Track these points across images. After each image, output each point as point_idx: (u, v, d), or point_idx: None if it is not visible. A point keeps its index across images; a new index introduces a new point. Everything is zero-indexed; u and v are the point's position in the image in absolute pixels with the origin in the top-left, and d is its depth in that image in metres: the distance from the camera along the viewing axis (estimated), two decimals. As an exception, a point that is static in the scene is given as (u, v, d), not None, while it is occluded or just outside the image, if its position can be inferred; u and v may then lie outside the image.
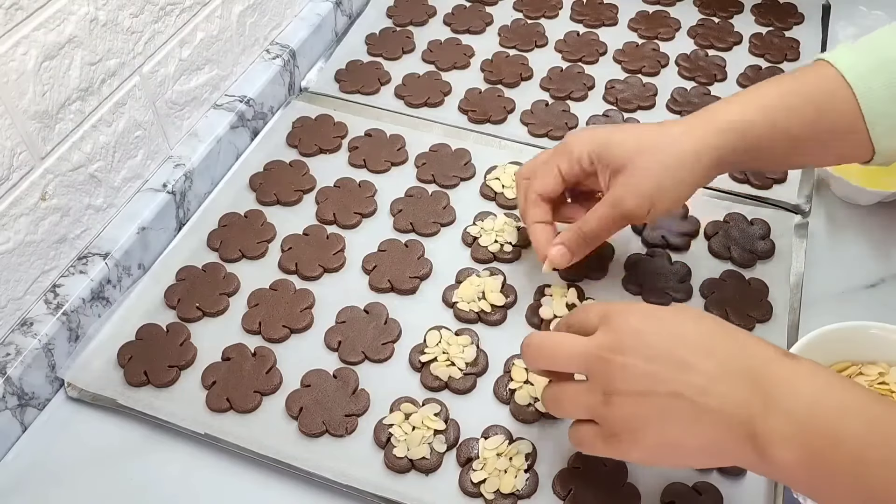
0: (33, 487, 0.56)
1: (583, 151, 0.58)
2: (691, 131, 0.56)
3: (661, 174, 0.56)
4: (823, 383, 0.42)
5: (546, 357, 0.50)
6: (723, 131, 0.55)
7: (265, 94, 0.81)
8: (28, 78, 0.55)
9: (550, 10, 0.95)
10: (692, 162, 0.56)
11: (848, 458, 0.39)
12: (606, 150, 0.57)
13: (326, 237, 0.70)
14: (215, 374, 0.60)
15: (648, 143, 0.56)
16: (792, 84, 0.56)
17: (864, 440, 0.39)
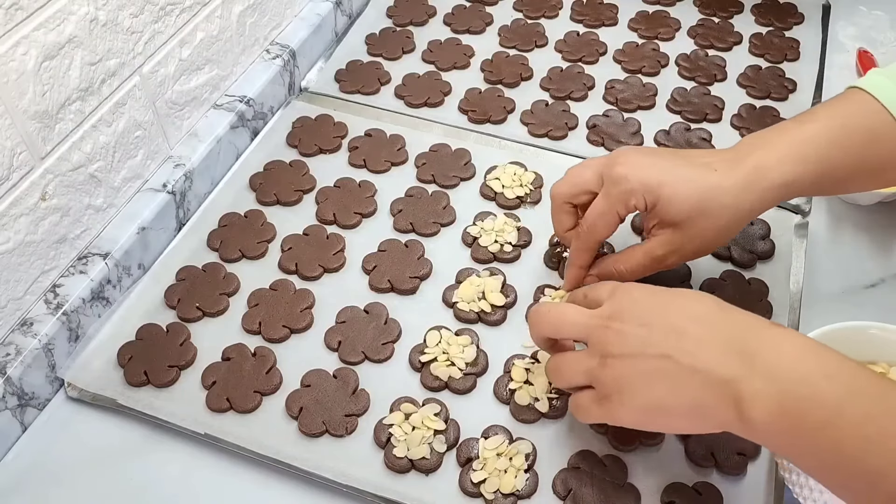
0: (33, 487, 0.56)
1: (639, 197, 0.56)
2: (745, 192, 0.54)
3: (712, 237, 0.56)
4: (805, 348, 0.43)
5: (552, 324, 0.52)
6: (777, 189, 0.55)
7: (265, 94, 0.81)
8: (28, 78, 0.55)
9: (550, 10, 0.95)
10: (743, 221, 0.56)
11: (825, 418, 0.40)
12: (662, 203, 0.55)
13: (326, 237, 0.70)
14: (215, 374, 0.60)
15: (705, 205, 0.55)
16: (837, 121, 0.55)
17: (842, 400, 0.40)
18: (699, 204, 0.55)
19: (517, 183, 0.74)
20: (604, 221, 0.58)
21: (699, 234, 0.56)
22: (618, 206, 0.57)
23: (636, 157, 0.57)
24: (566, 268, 0.62)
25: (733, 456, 0.55)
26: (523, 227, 0.70)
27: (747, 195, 0.54)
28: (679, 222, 0.55)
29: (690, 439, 0.56)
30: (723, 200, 0.54)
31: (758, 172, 0.54)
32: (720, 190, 0.54)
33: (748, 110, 0.82)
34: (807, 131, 0.55)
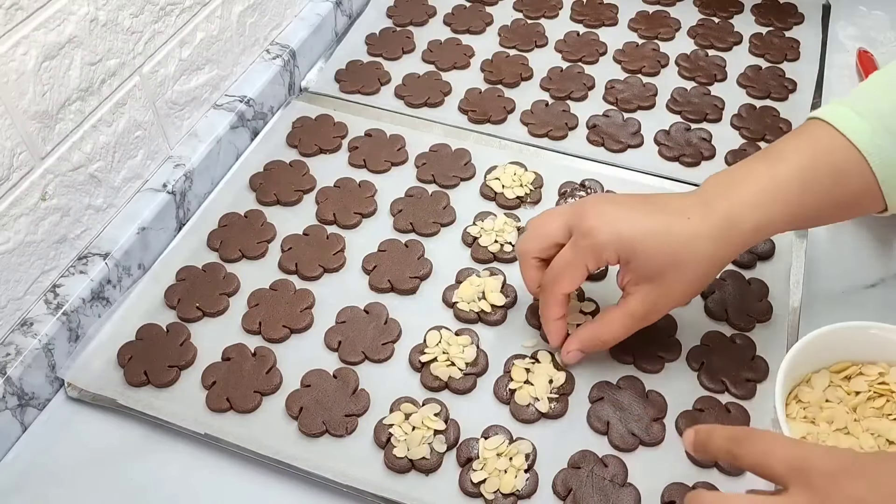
0: (33, 487, 0.56)
1: (611, 251, 0.54)
2: (718, 240, 0.54)
3: (689, 289, 0.56)
4: None
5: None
6: (749, 234, 0.54)
7: (265, 94, 0.81)
8: (28, 78, 0.55)
9: (550, 10, 0.95)
10: (718, 268, 0.56)
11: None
12: (636, 258, 0.54)
13: (326, 237, 0.70)
14: (215, 374, 0.60)
15: (680, 258, 0.53)
16: (805, 162, 0.54)
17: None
18: (675, 256, 0.53)
19: (517, 183, 0.74)
20: (570, 274, 0.56)
21: (677, 287, 0.55)
22: (587, 260, 0.55)
23: (606, 208, 0.55)
24: (543, 324, 0.61)
25: (733, 456, 0.55)
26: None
27: (722, 243, 0.54)
28: (655, 276, 0.54)
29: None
30: (699, 251, 0.53)
31: (731, 220, 0.53)
32: (693, 240, 0.53)
33: (748, 110, 0.82)
34: (777, 175, 0.54)
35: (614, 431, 0.57)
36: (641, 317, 0.56)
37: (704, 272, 0.55)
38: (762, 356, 0.61)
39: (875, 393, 0.54)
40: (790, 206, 0.54)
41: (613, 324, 0.57)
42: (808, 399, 0.55)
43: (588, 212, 0.55)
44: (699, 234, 0.53)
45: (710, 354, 0.61)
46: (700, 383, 0.60)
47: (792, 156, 0.54)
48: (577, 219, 0.55)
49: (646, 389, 0.59)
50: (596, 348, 0.59)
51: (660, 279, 0.54)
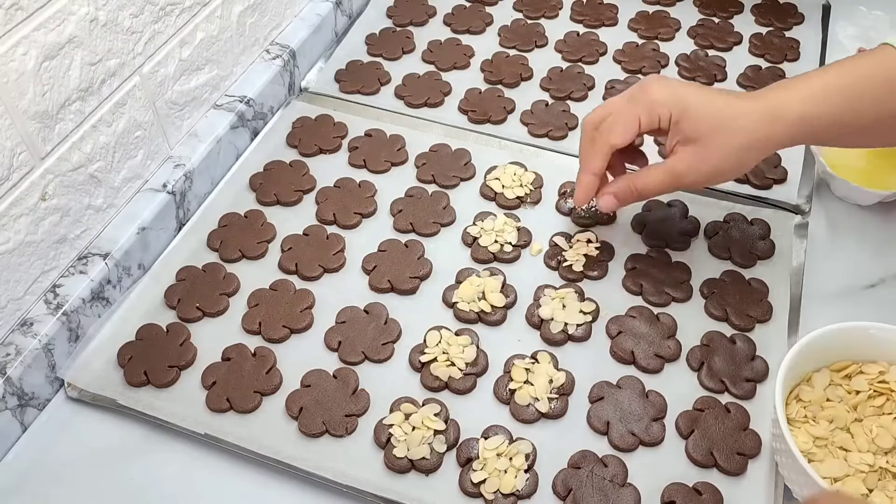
0: (33, 487, 0.56)
1: (664, 110, 0.59)
2: (767, 117, 0.57)
3: (730, 156, 0.59)
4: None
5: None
6: (794, 124, 0.57)
7: (265, 94, 0.81)
8: (28, 78, 0.55)
9: (550, 10, 0.95)
10: (761, 147, 0.59)
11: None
12: (685, 117, 0.58)
13: (326, 237, 0.70)
14: (215, 374, 0.60)
15: (727, 123, 0.58)
16: (858, 70, 0.58)
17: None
18: (720, 122, 0.57)
19: (517, 183, 0.74)
20: (623, 124, 0.59)
21: (717, 152, 0.58)
22: (642, 113, 0.59)
23: (666, 80, 0.60)
24: (578, 176, 0.63)
25: (733, 456, 0.55)
26: (523, 227, 0.70)
27: (765, 123, 0.57)
28: (700, 137, 0.58)
29: (690, 439, 0.56)
30: (742, 122, 0.57)
31: (778, 106, 0.57)
32: (741, 112, 0.57)
33: (748, 110, 0.81)
34: (829, 77, 0.58)
35: (614, 431, 0.57)
36: (680, 174, 0.60)
37: (744, 143, 0.58)
38: (762, 356, 0.61)
39: (875, 392, 0.54)
40: (837, 105, 0.57)
41: (651, 176, 0.61)
42: (809, 398, 0.55)
43: (649, 80, 0.60)
44: (746, 111, 0.57)
45: (710, 354, 0.61)
46: (700, 383, 0.60)
47: (848, 66, 0.58)
48: (637, 86, 0.61)
49: (646, 389, 0.59)
50: (630, 198, 0.62)
51: (704, 141, 0.58)
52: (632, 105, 0.60)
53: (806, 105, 0.57)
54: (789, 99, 0.58)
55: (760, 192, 0.74)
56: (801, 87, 0.58)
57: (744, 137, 0.57)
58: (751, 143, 0.58)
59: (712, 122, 0.58)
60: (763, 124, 0.57)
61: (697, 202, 0.72)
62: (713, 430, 0.57)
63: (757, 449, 0.56)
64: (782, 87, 0.59)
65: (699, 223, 0.71)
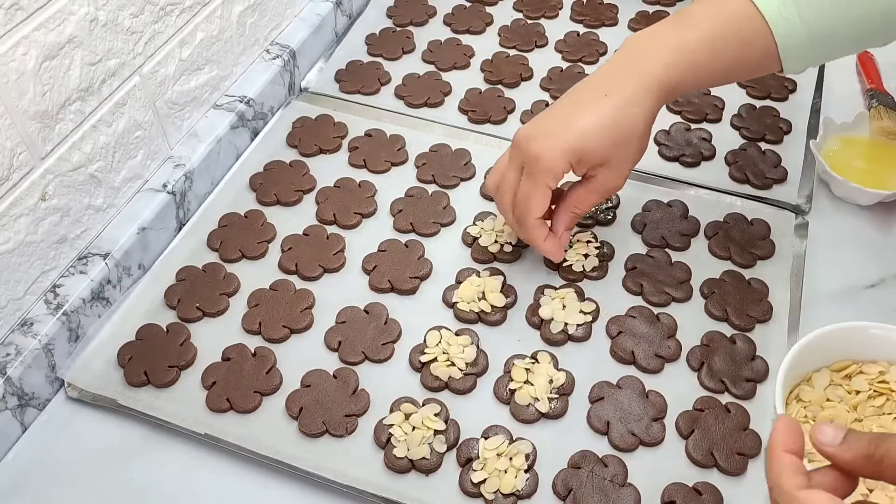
0: (33, 487, 0.56)
1: (559, 166, 0.59)
2: (639, 103, 0.59)
3: (636, 154, 0.61)
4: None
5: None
6: (661, 91, 0.59)
7: (265, 94, 0.81)
8: (28, 78, 0.55)
9: (550, 10, 0.95)
10: (650, 126, 0.60)
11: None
12: (585, 156, 0.59)
13: (326, 237, 0.70)
14: (215, 374, 0.60)
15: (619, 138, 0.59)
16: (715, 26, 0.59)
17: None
18: (616, 139, 0.59)
19: (517, 183, 0.73)
20: (536, 201, 0.60)
21: (627, 158, 0.60)
22: (546, 180, 0.59)
23: (540, 130, 0.60)
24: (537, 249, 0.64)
25: (733, 456, 0.55)
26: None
27: (642, 103, 0.59)
28: (602, 161, 0.59)
29: (690, 439, 0.56)
30: (629, 122, 0.59)
31: (645, 83, 0.59)
32: (623, 113, 0.58)
33: (748, 110, 0.82)
34: (686, 40, 0.59)
35: (614, 431, 0.57)
36: (606, 189, 0.62)
37: (641, 133, 0.60)
38: (762, 356, 0.61)
39: (875, 392, 0.54)
40: (699, 67, 0.59)
41: (583, 198, 0.63)
42: (809, 398, 0.55)
43: (528, 141, 0.60)
44: (624, 107, 0.58)
45: (710, 354, 0.61)
46: (700, 383, 0.60)
47: (702, 21, 0.60)
48: (521, 153, 0.60)
49: (646, 389, 0.59)
50: (575, 221, 0.65)
51: (611, 160, 0.60)
52: (532, 180, 0.60)
53: (671, 74, 0.59)
54: (654, 72, 0.59)
55: (760, 192, 0.74)
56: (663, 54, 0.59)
57: (637, 135, 0.59)
58: (643, 130, 0.60)
59: (608, 143, 0.59)
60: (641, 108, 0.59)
61: (697, 202, 0.72)
62: (713, 430, 0.57)
63: (757, 449, 0.56)
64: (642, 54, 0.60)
65: (699, 223, 0.71)
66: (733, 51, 0.59)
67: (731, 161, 0.76)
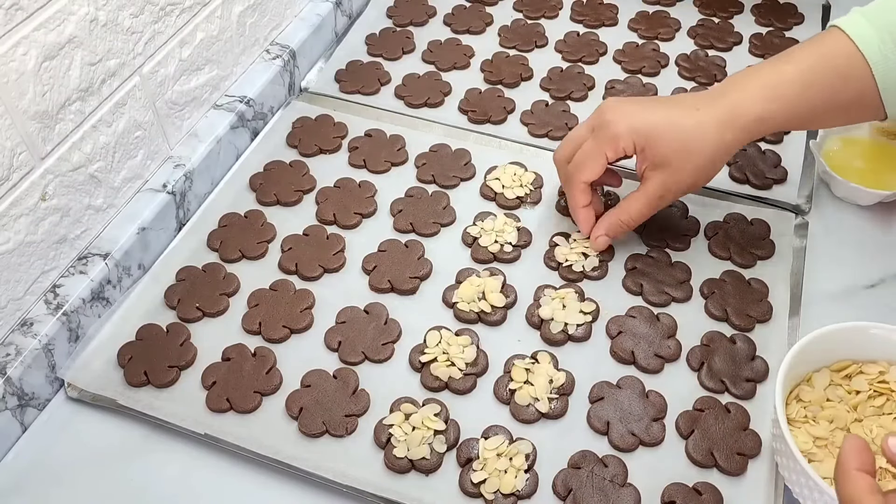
0: (33, 487, 0.56)
1: (628, 141, 0.61)
2: (723, 127, 0.60)
3: (698, 173, 0.62)
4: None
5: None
6: (750, 125, 0.60)
7: (265, 94, 0.81)
8: (28, 78, 0.55)
9: (550, 10, 0.95)
10: (725, 157, 0.62)
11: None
12: (649, 145, 0.61)
13: (326, 237, 0.70)
14: (215, 374, 0.60)
15: (688, 144, 0.60)
16: (811, 63, 0.59)
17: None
18: (684, 143, 0.60)
19: (517, 183, 0.74)
20: (591, 162, 0.63)
21: (687, 170, 0.61)
22: (606, 148, 0.62)
23: (623, 106, 0.63)
24: (572, 213, 0.68)
25: (733, 456, 0.55)
26: (523, 228, 0.70)
27: (726, 132, 0.60)
28: (666, 162, 0.61)
29: (690, 439, 0.56)
30: (705, 138, 0.60)
31: (735, 111, 0.60)
32: (701, 129, 0.60)
33: (748, 110, 0.81)
34: (781, 73, 0.60)
35: (614, 431, 0.57)
36: (657, 198, 0.63)
37: (710, 156, 0.61)
38: (762, 356, 0.61)
39: (875, 392, 0.54)
40: (791, 102, 0.59)
41: (632, 206, 0.64)
42: (809, 398, 0.55)
43: (607, 110, 0.63)
44: (705, 123, 0.60)
45: (710, 354, 0.61)
46: (700, 383, 0.60)
47: (799, 57, 0.60)
48: (598, 117, 0.63)
49: (646, 389, 0.59)
50: (620, 231, 0.66)
51: (671, 164, 0.61)
52: (596, 142, 0.62)
53: (760, 105, 0.59)
54: (746, 101, 0.60)
55: (760, 192, 0.74)
56: (755, 86, 0.60)
57: (707, 153, 0.60)
58: (715, 156, 0.61)
59: (675, 145, 0.60)
60: (723, 133, 0.60)
61: (697, 202, 0.72)
62: (713, 430, 0.57)
63: (757, 449, 0.56)
64: (737, 85, 0.61)
65: (699, 223, 0.71)
66: (828, 86, 0.58)
67: (731, 161, 0.76)
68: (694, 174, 0.61)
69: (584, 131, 0.64)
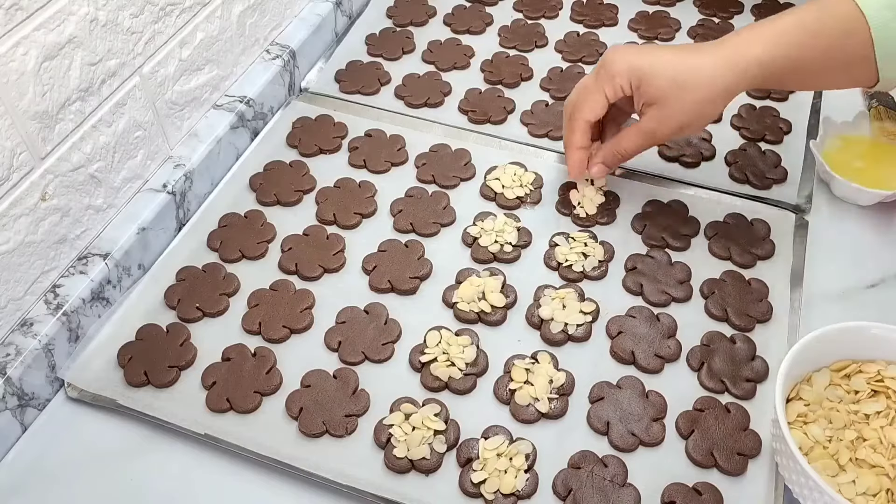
0: (33, 487, 0.56)
1: (624, 78, 0.63)
2: (722, 69, 0.61)
3: (691, 110, 0.62)
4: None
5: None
6: (749, 69, 0.61)
7: (265, 94, 0.81)
8: (28, 78, 0.55)
9: (550, 10, 0.95)
10: (721, 98, 0.62)
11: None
12: (644, 81, 0.62)
13: (326, 237, 0.70)
14: (215, 374, 0.60)
15: (683, 80, 0.61)
16: (813, 15, 0.60)
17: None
18: (677, 79, 0.61)
19: (517, 183, 0.74)
20: (590, 100, 0.65)
21: (681, 107, 0.62)
22: (605, 85, 0.64)
23: (626, 49, 0.65)
24: (566, 153, 0.69)
25: (733, 456, 0.55)
26: (523, 228, 0.70)
27: (724, 72, 0.61)
28: (661, 97, 0.62)
29: (690, 439, 0.56)
30: (700, 75, 0.61)
31: (736, 54, 0.61)
32: (697, 67, 0.61)
33: (748, 110, 0.82)
34: (783, 22, 0.61)
35: (614, 431, 0.57)
36: (651, 132, 0.64)
37: (705, 96, 0.61)
38: (762, 356, 0.61)
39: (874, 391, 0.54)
40: (792, 48, 0.60)
41: (628, 138, 0.66)
42: (809, 398, 0.55)
43: (609, 52, 0.65)
44: (704, 63, 0.61)
45: (710, 354, 0.61)
46: (700, 383, 0.60)
47: (801, 11, 0.61)
48: (601, 61, 0.65)
49: (646, 389, 0.59)
50: (615, 161, 0.68)
51: (666, 99, 0.62)
52: (597, 81, 0.65)
53: (761, 48, 0.60)
54: (746, 45, 0.61)
55: (760, 192, 0.74)
56: (757, 32, 0.61)
57: (702, 92, 0.61)
58: (709, 95, 0.61)
59: (668, 82, 0.61)
60: (721, 75, 0.61)
61: (697, 202, 0.72)
62: (713, 430, 0.57)
63: (757, 449, 0.56)
64: (740, 34, 0.62)
65: (699, 223, 0.71)
66: (829, 39, 0.60)
67: (731, 161, 0.76)
68: (687, 112, 0.62)
69: (590, 77, 0.66)
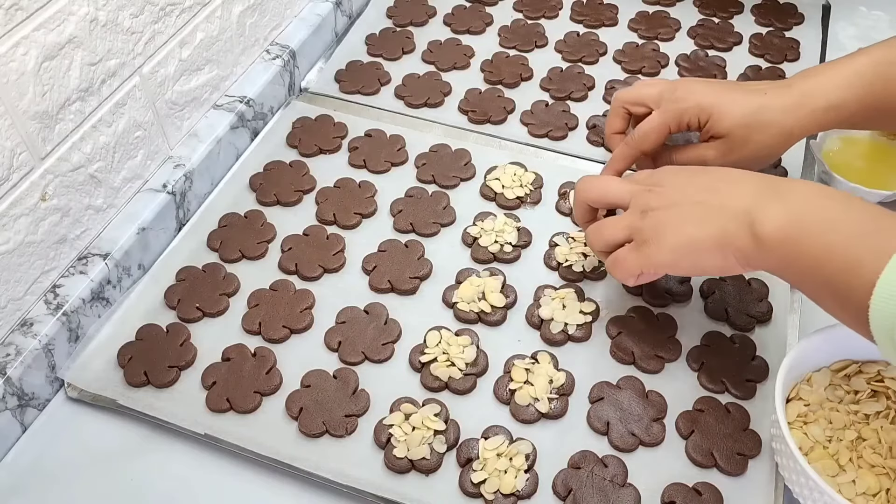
0: (33, 487, 0.56)
1: (693, 116, 0.63)
2: (792, 111, 0.60)
3: (752, 153, 0.62)
4: (819, 190, 0.49)
5: (598, 189, 0.59)
6: (820, 113, 0.60)
7: (265, 94, 0.81)
8: (28, 78, 0.55)
9: (550, 10, 0.95)
10: (785, 140, 0.62)
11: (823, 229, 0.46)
12: (714, 119, 0.62)
13: (326, 237, 0.70)
14: (215, 374, 0.60)
15: (750, 121, 0.61)
16: (885, 57, 0.59)
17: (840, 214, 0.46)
18: (745, 120, 0.61)
19: (517, 183, 0.74)
20: (655, 133, 0.65)
21: (743, 147, 0.62)
22: (671, 121, 0.64)
23: (695, 85, 0.65)
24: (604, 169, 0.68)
25: (733, 456, 0.55)
26: (523, 228, 0.70)
27: (792, 115, 0.60)
28: (727, 135, 0.62)
29: (690, 439, 0.56)
30: (768, 118, 0.60)
31: (804, 96, 0.60)
32: (766, 109, 0.61)
33: (748, 110, 0.81)
34: (854, 64, 0.60)
35: (614, 431, 0.57)
36: (707, 160, 0.64)
37: (771, 139, 0.61)
38: (762, 356, 0.61)
39: (873, 391, 0.54)
40: (863, 89, 0.59)
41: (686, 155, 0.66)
42: (809, 398, 0.55)
43: (680, 84, 0.65)
44: (770, 105, 0.61)
45: (710, 354, 0.61)
46: (700, 383, 0.60)
47: (872, 52, 0.61)
48: (670, 89, 0.65)
49: (646, 389, 0.59)
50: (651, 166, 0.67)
51: (731, 137, 0.62)
52: (662, 116, 0.64)
53: (831, 92, 0.59)
54: (815, 87, 0.60)
55: (760, 192, 0.74)
56: (827, 75, 0.60)
57: (771, 133, 0.61)
58: (778, 137, 0.61)
59: (737, 120, 0.61)
60: (790, 118, 0.60)
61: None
62: (713, 430, 0.57)
63: (757, 449, 0.56)
64: (808, 75, 0.62)
65: (699, 223, 0.71)
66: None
67: (731, 161, 0.76)
68: (748, 152, 0.62)
69: (654, 92, 0.66)
